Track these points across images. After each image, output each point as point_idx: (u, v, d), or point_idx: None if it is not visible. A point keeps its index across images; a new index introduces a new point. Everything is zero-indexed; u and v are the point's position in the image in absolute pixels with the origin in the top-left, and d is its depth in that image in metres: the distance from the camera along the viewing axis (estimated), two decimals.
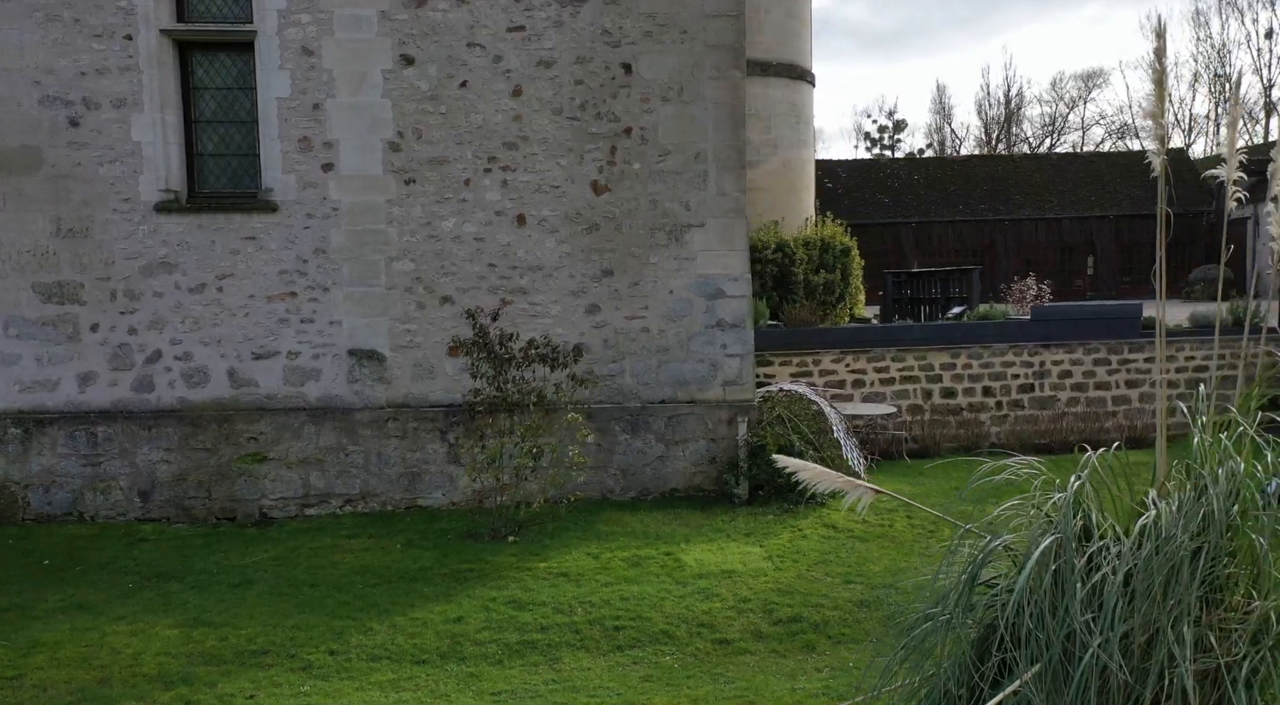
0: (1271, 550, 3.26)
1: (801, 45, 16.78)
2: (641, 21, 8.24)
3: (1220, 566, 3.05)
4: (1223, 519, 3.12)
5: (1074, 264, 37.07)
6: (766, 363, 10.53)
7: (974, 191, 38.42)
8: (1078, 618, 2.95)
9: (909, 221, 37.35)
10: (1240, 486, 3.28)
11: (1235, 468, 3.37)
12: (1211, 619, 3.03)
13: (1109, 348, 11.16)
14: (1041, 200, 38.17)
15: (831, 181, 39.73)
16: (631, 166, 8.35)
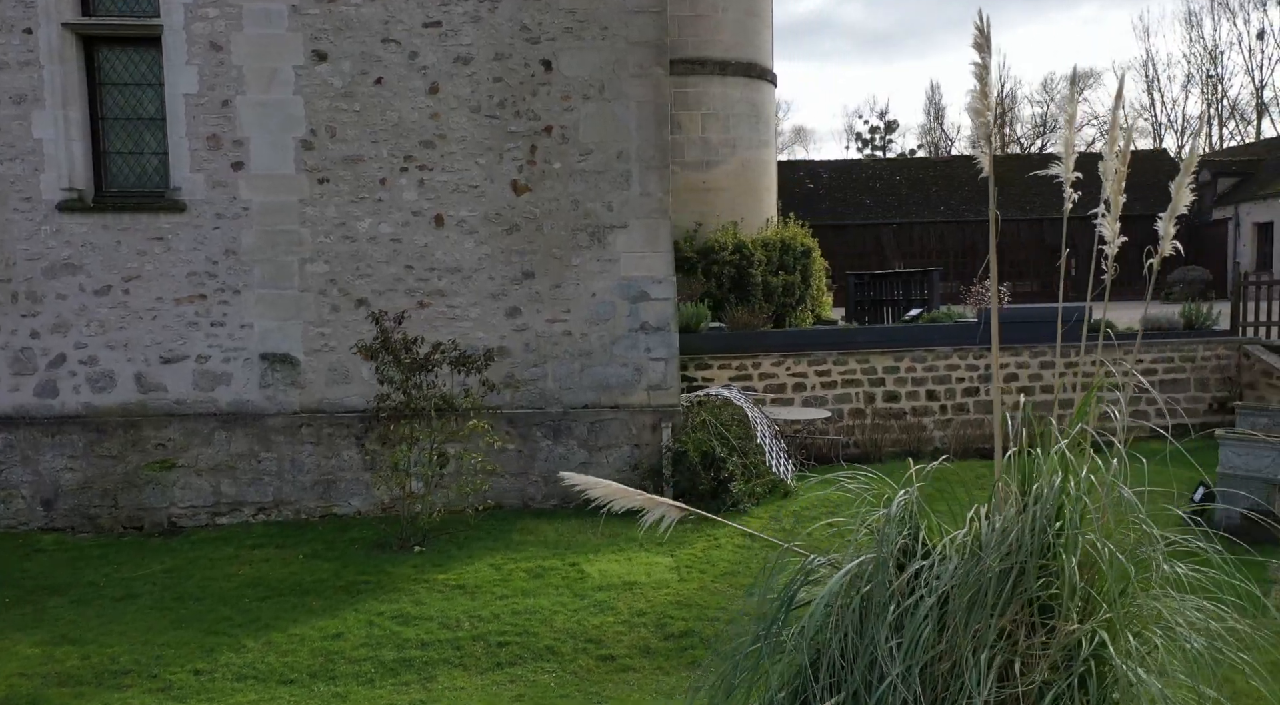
0: (1110, 568, 3.08)
1: (761, 44, 16.61)
2: (562, 17, 8.04)
3: (1030, 589, 2.86)
4: (1032, 539, 2.93)
5: (1054, 264, 37.06)
6: (705, 366, 10.33)
7: (956, 192, 38.36)
8: (880, 645, 2.75)
9: (890, 222, 37.27)
10: (1062, 503, 3.09)
11: (1070, 481, 3.19)
12: (1033, 644, 2.84)
13: (1056, 350, 11.01)
14: (1024, 201, 38.10)
15: (813, 182, 39.68)
16: (552, 166, 8.15)
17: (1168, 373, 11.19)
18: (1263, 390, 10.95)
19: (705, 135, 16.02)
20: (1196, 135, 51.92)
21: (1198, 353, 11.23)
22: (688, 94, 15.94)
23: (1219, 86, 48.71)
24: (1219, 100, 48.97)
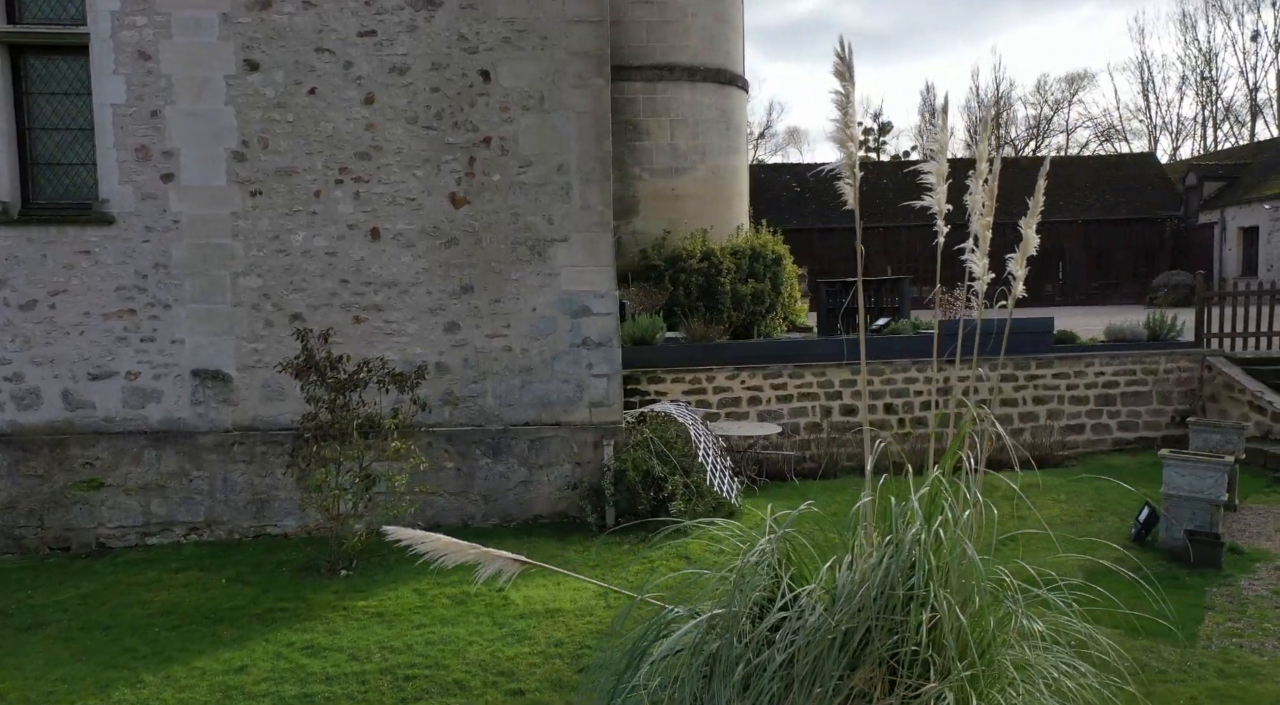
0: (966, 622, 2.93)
1: (732, 50, 16.47)
2: (500, 27, 7.87)
3: (882, 648, 2.70)
4: (883, 596, 2.77)
5: (1043, 270, 36.95)
6: (658, 379, 10.17)
7: None
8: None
9: (876, 226, 37.12)
10: (919, 549, 2.94)
11: (927, 529, 3.04)
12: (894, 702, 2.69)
13: (1016, 363, 10.88)
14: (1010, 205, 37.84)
15: (800, 185, 39.57)
16: (491, 178, 7.98)
17: (1130, 385, 11.07)
18: (1224, 403, 10.83)
19: (674, 142, 15.87)
20: (1190, 137, 52.16)
21: (1160, 365, 11.11)
22: (656, 100, 15.80)
23: (1213, 89, 48.82)
24: (1213, 102, 49.10)
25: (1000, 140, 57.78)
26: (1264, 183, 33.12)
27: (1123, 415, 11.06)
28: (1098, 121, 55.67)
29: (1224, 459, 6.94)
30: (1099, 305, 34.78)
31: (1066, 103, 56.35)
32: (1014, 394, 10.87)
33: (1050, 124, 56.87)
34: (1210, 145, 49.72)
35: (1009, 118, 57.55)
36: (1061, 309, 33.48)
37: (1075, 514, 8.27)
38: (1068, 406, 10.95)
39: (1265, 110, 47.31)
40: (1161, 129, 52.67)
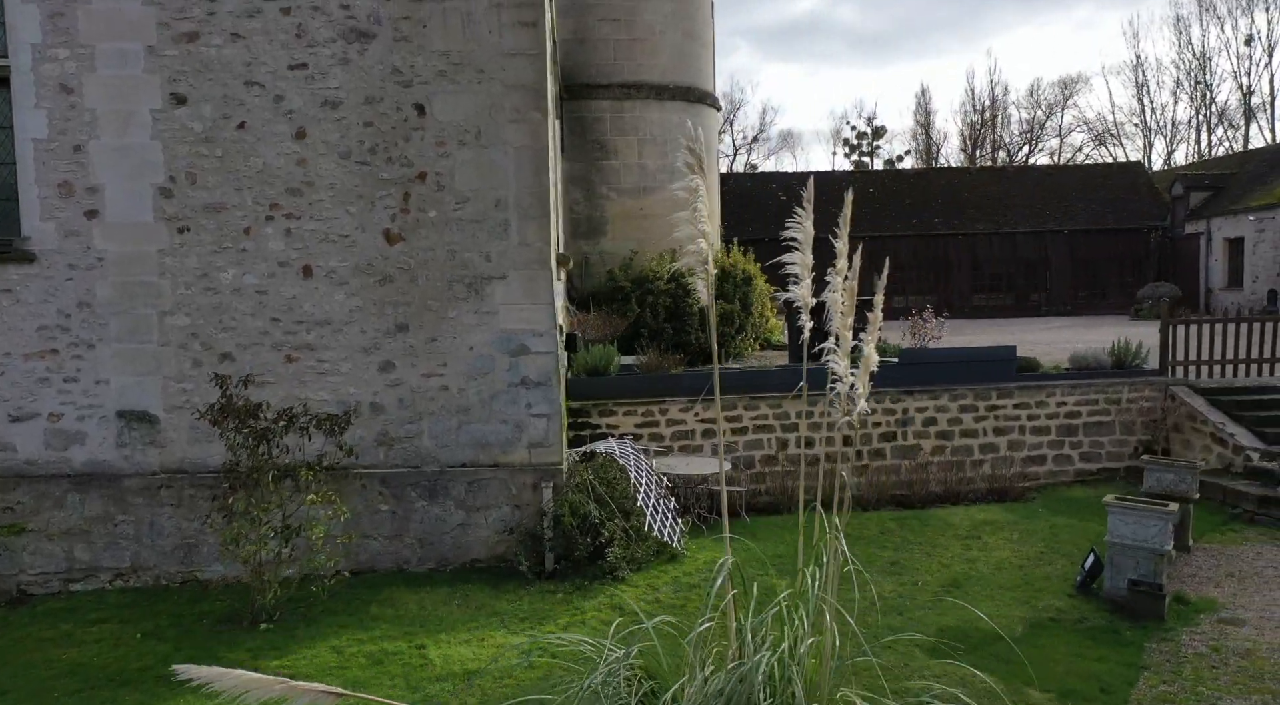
0: None
1: (701, 67, 16.31)
2: (435, 60, 7.69)
3: None
4: None
5: (1030, 279, 36.84)
6: (610, 412, 9.98)
7: (929, 205, 38.11)
8: None
9: (861, 236, 36.82)
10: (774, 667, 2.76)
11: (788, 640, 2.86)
12: None
13: (976, 394, 10.70)
14: (997, 214, 37.87)
15: (786, 194, 39.37)
16: (427, 214, 7.79)
17: (1092, 415, 10.90)
18: (1187, 434, 10.68)
19: (642, 161, 15.71)
20: (1185, 141, 52.10)
21: (1123, 395, 10.95)
22: (624, 119, 15.63)
23: (1207, 93, 48.80)
24: (1208, 106, 49.07)
25: (995, 144, 57.70)
26: (1250, 193, 33.04)
27: (1085, 446, 10.89)
28: (1092, 125, 55.53)
29: (1168, 508, 6.77)
30: (1085, 316, 34.67)
31: (1060, 107, 56.31)
32: (974, 425, 10.69)
33: (1044, 128, 56.86)
34: (1205, 149, 49.74)
35: (1004, 122, 57.45)
36: (1047, 319, 33.43)
37: (1026, 556, 8.09)
38: (1029, 437, 10.78)
39: (1259, 114, 47.37)
40: (1156, 133, 52.66)
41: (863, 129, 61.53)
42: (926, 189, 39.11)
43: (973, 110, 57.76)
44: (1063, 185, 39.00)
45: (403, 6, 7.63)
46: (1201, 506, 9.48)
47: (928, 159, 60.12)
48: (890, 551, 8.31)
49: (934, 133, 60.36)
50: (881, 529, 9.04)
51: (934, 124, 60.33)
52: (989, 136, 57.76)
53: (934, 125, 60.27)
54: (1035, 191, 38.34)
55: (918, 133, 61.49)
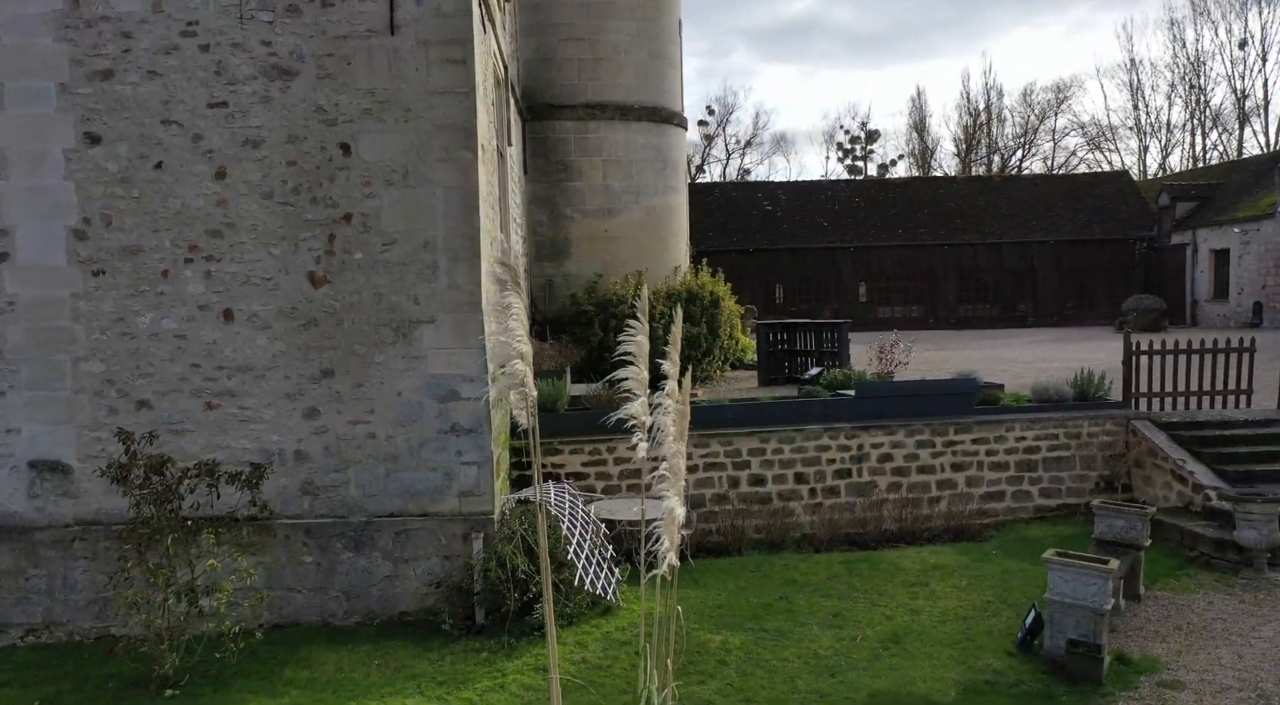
0: None
1: (668, 87, 16.10)
2: (360, 98, 7.45)
3: None
4: None
5: (1016, 290, 36.66)
6: (555, 451, 9.73)
7: (915, 215, 37.92)
8: None
9: (847, 246, 36.77)
10: None
11: None
12: None
13: (933, 429, 10.47)
14: (983, 224, 37.69)
15: (772, 204, 39.22)
16: (353, 256, 7.55)
17: (1052, 450, 10.68)
18: (1149, 470, 10.48)
19: (607, 182, 15.49)
20: (1180, 145, 52.09)
21: (1083, 429, 10.73)
22: (588, 140, 15.42)
23: (1201, 97, 48.78)
24: (1202, 110, 49.04)
25: (990, 148, 57.54)
26: (1235, 204, 32.89)
27: (1045, 481, 10.67)
28: (1087, 129, 55.41)
29: (1108, 566, 6.55)
30: (1072, 327, 34.49)
31: (1053, 111, 56.30)
32: (931, 461, 10.46)
33: (1037, 133, 56.79)
34: (1200, 152, 49.72)
35: (999, 126, 57.35)
36: (1033, 331, 33.27)
37: (972, 606, 7.86)
38: (987, 473, 10.56)
39: (1253, 118, 47.35)
40: (1151, 136, 52.62)
41: (856, 133, 61.47)
42: (913, 199, 38.93)
43: (968, 113, 57.73)
44: (1049, 195, 38.82)
45: (327, 43, 7.40)
46: (1159, 548, 9.27)
47: (922, 163, 60.08)
48: (834, 600, 8.07)
49: (928, 137, 60.33)
50: (830, 574, 8.80)
51: (929, 128, 60.32)
52: (984, 141, 57.75)
53: (929, 129, 60.27)
54: (1022, 201, 38.18)
55: (912, 137, 61.43)
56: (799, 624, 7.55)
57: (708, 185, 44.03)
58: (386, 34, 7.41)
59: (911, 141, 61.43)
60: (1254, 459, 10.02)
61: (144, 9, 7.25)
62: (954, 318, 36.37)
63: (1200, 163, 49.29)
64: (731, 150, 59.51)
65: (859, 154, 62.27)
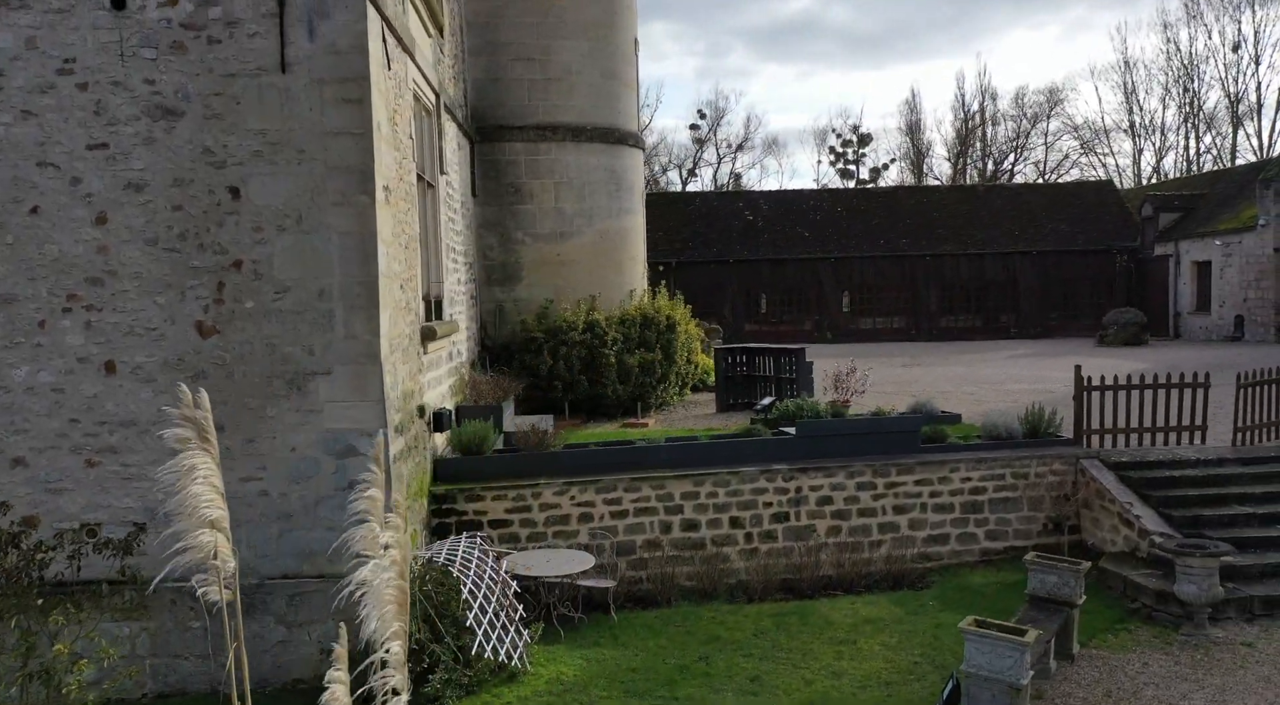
0: None
1: (623, 108, 15.76)
2: (250, 139, 7.09)
3: None
4: None
5: (999, 301, 36.35)
6: (477, 498, 9.35)
7: (897, 225, 37.61)
8: None
9: (828, 257, 36.45)
10: None
11: None
12: None
13: (874, 470, 10.12)
14: (965, 234, 37.38)
15: (753, 214, 38.89)
16: (244, 305, 7.18)
17: (998, 491, 10.33)
18: (1096, 511, 10.14)
19: (559, 205, 15.14)
20: (1174, 149, 51.92)
21: (1031, 469, 10.39)
22: (539, 162, 15.07)
23: (1195, 100, 48.62)
24: (1196, 113, 48.87)
25: (984, 152, 57.25)
26: (1217, 215, 32.62)
27: (991, 523, 10.33)
28: (1080, 131, 55.17)
29: (1024, 639, 6.20)
30: (1055, 339, 34.20)
31: (1045, 116, 56.17)
32: (873, 503, 10.11)
33: (1028, 138, 56.59)
34: (1194, 156, 49.52)
35: (991, 130, 57.17)
36: (1015, 343, 32.98)
37: (898, 668, 7.51)
38: (931, 515, 10.21)
39: (1246, 121, 47.19)
40: (1145, 139, 52.46)
41: (848, 137, 61.22)
42: (895, 208, 38.63)
43: (962, 115, 57.61)
44: (1033, 204, 38.52)
45: (214, 82, 7.03)
46: (1102, 597, 8.95)
47: (915, 167, 59.88)
48: (756, 661, 7.71)
49: (918, 141, 60.22)
50: (756, 629, 8.44)
51: (923, 129, 60.27)
52: (976, 144, 57.59)
53: (923, 130, 60.22)
54: (1005, 211, 37.87)
55: (904, 141, 61.30)
56: (714, 690, 7.19)
57: (688, 194, 43.70)
58: (277, 72, 7.05)
59: (904, 145, 61.26)
60: (1203, 502, 9.69)
61: (17, 45, 6.88)
62: (936, 329, 36.06)
63: (1194, 166, 49.12)
64: (723, 154, 59.39)
65: (851, 158, 61.99)
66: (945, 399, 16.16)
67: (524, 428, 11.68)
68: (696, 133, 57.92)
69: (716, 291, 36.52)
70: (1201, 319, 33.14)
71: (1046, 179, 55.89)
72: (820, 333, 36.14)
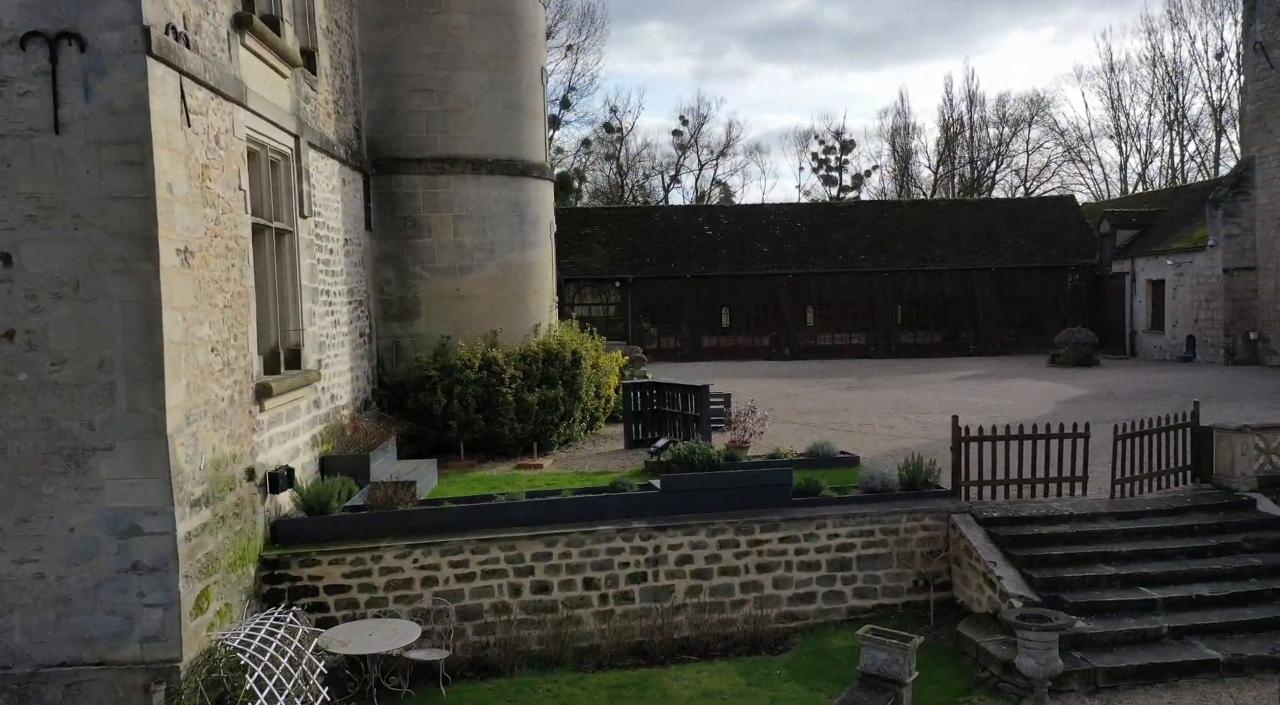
0: None
1: (526, 139, 15.43)
2: (23, 204, 6.73)
3: None
4: None
5: (959, 317, 36.14)
6: (313, 563, 8.97)
7: (857, 240, 37.39)
8: None
9: (785, 273, 36.16)
10: None
11: None
12: None
13: (737, 527, 9.80)
14: (925, 250, 37.13)
15: (712, 228, 38.61)
16: (17, 377, 6.81)
17: (867, 547, 10.04)
18: (965, 568, 9.86)
19: (459, 239, 14.81)
20: (1160, 156, 51.98)
21: (901, 524, 10.10)
22: (438, 195, 14.74)
23: (1179, 109, 48.70)
24: (1179, 121, 48.90)
25: (972, 161, 57.12)
26: (1173, 234, 32.47)
27: (859, 581, 10.02)
28: (1067, 135, 55.20)
29: None
30: (1013, 356, 34.02)
31: (1028, 122, 56.30)
32: (735, 562, 9.80)
33: (1009, 146, 56.64)
34: (1178, 163, 49.54)
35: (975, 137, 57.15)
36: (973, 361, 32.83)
37: None
38: (796, 573, 9.90)
39: (1230, 128, 47.24)
40: (1131, 146, 52.54)
41: (830, 143, 61.23)
42: (855, 223, 38.40)
43: (944, 122, 57.73)
44: (994, 220, 38.34)
45: None
46: (952, 665, 8.68)
47: (899, 174, 59.96)
48: None
49: (899, 145, 60.30)
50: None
51: (911, 134, 60.36)
52: (959, 151, 57.63)
53: (911, 134, 60.32)
54: (966, 227, 37.66)
55: (885, 148, 61.44)
56: None
57: (648, 209, 43.37)
58: (51, 133, 6.70)
59: (883, 152, 61.37)
60: (1068, 562, 9.42)
61: None
62: (896, 345, 35.82)
63: (1179, 173, 49.12)
64: (705, 161, 59.44)
65: (834, 164, 61.88)
66: (861, 434, 15.92)
67: (399, 475, 11.34)
68: (679, 139, 58.15)
69: (674, 307, 36.27)
70: (1156, 338, 33.04)
71: (1028, 187, 56.08)
72: (778, 350, 35.93)
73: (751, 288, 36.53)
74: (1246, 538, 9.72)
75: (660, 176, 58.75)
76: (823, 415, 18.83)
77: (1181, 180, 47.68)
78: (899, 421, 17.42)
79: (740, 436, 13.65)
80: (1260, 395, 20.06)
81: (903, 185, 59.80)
